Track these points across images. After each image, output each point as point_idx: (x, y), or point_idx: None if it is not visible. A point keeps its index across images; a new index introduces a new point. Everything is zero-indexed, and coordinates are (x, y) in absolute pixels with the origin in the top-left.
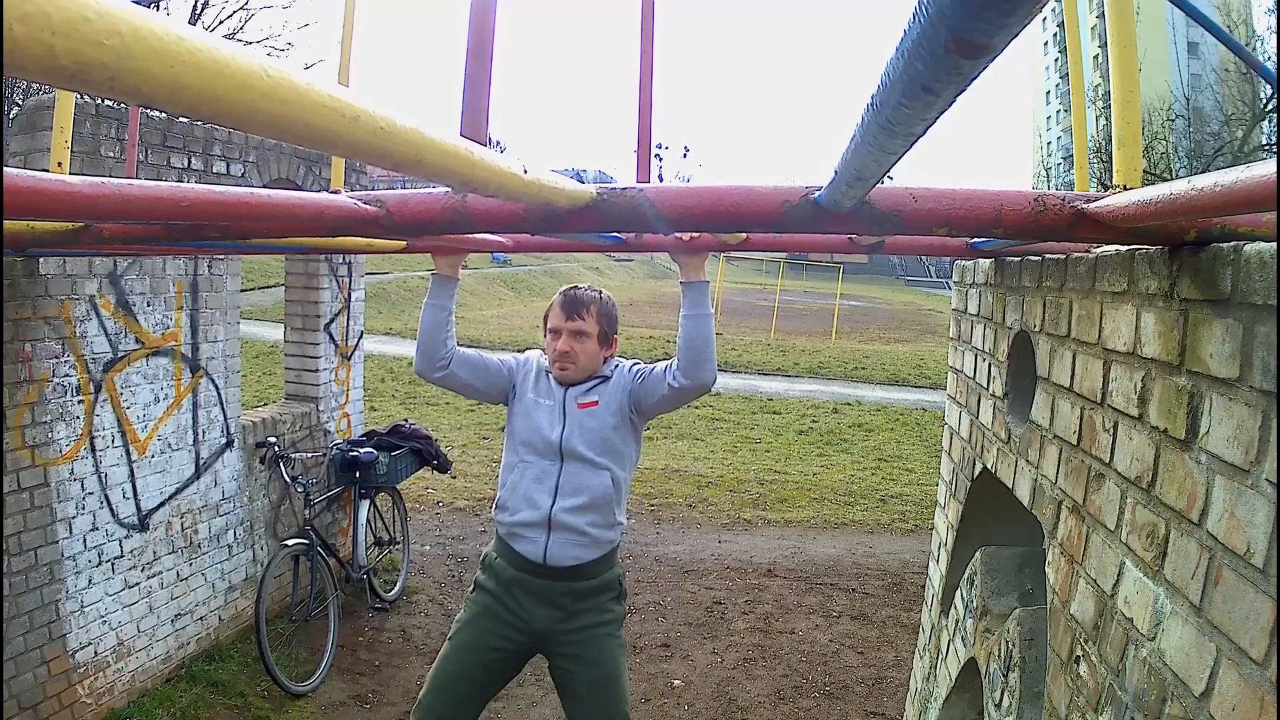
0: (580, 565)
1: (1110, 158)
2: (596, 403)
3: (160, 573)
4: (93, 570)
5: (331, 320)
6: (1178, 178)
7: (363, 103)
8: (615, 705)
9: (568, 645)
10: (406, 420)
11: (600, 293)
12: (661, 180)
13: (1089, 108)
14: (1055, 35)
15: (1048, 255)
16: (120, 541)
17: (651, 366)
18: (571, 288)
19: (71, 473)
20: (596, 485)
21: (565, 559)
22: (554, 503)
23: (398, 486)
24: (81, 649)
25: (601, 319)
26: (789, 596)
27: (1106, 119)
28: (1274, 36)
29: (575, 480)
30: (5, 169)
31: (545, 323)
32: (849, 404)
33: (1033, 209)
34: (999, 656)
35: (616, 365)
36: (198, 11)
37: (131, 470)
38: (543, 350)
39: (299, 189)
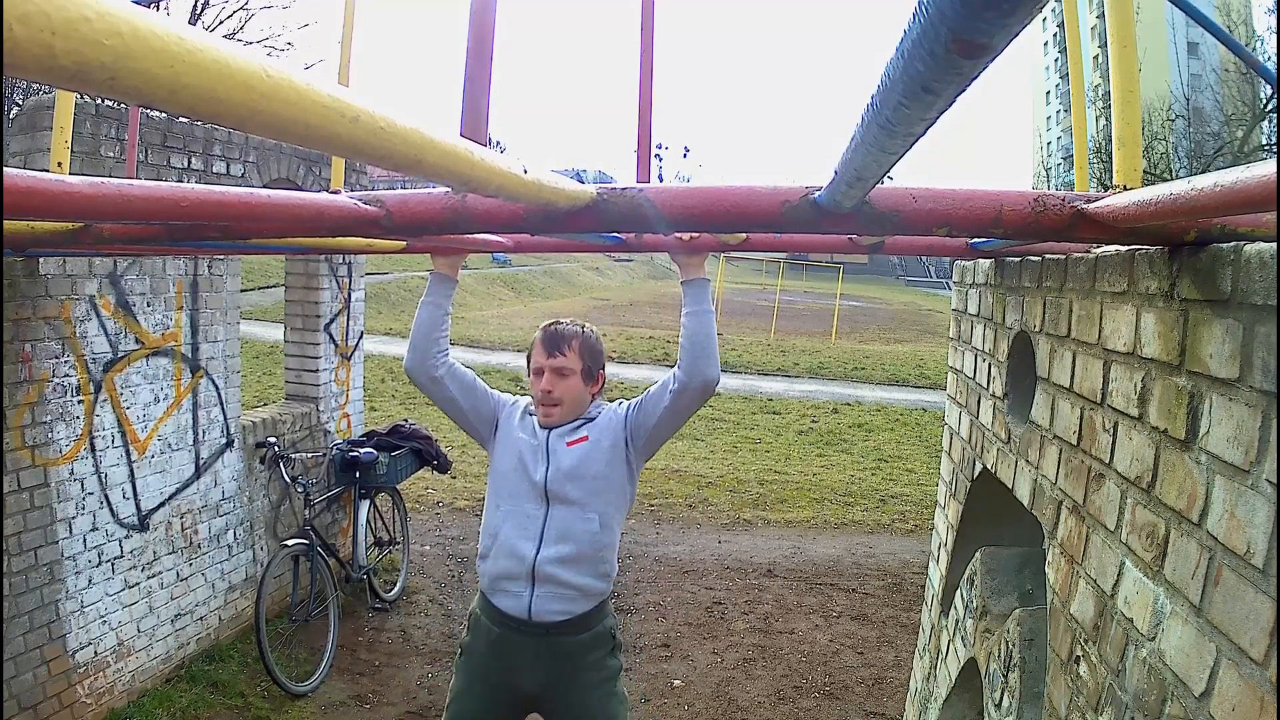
0: (568, 620)
1: (1110, 158)
2: (586, 438)
3: (160, 573)
4: (93, 570)
5: (331, 320)
6: (1178, 178)
7: (363, 103)
8: None
9: (563, 708)
10: (406, 420)
11: (583, 327)
12: (661, 180)
13: (1089, 108)
14: (1055, 35)
15: (1048, 255)
16: (120, 541)
17: (646, 390)
18: (552, 323)
19: (71, 473)
20: (584, 532)
21: (551, 614)
22: (538, 552)
23: (398, 486)
24: (81, 649)
25: (585, 354)
26: (789, 597)
27: (1106, 119)
28: (1274, 36)
29: (561, 526)
30: (5, 169)
31: (529, 363)
32: (849, 404)
33: (1033, 209)
34: (999, 656)
35: (603, 407)
36: (198, 11)
37: (131, 470)
38: (531, 398)
39: (299, 189)
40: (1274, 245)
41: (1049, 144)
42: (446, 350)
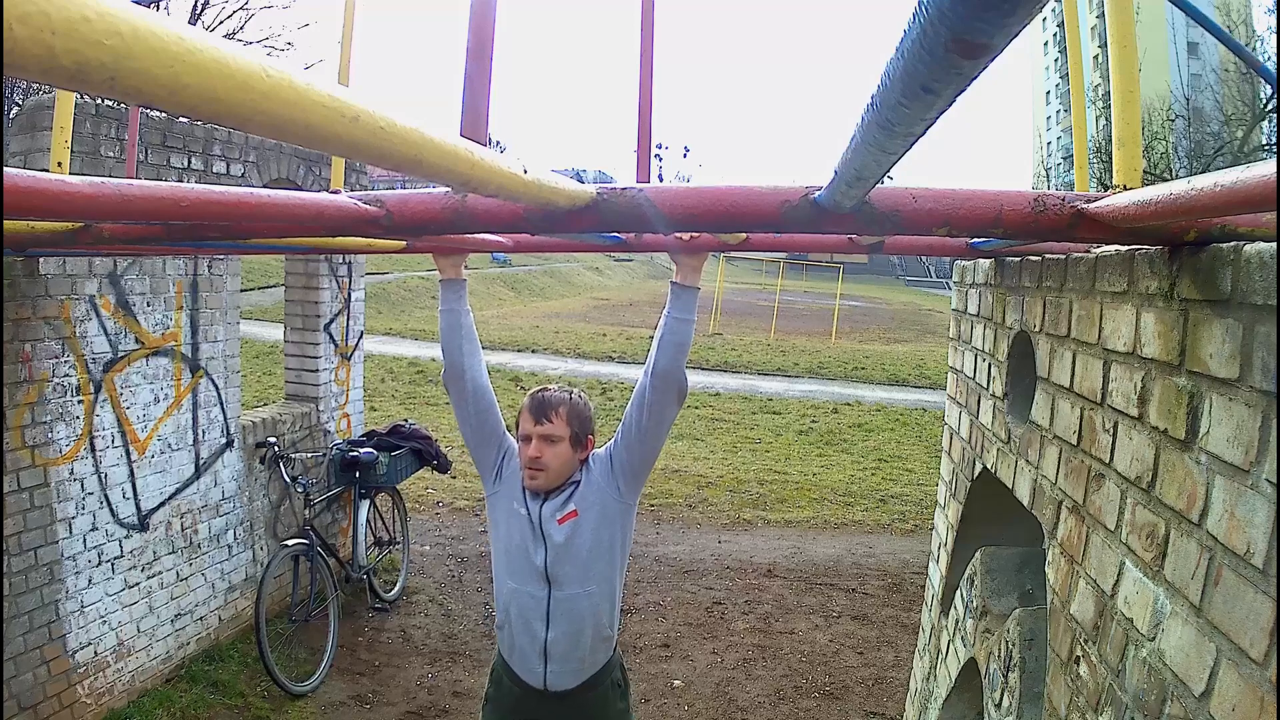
0: (581, 684)
1: (1110, 158)
2: (575, 513)
3: (160, 573)
4: (93, 570)
5: (331, 320)
6: (1178, 178)
7: (363, 103)
8: None
9: None
10: (406, 420)
11: (571, 393)
12: (661, 180)
13: (1089, 108)
14: (1055, 35)
15: (1048, 255)
16: (120, 541)
17: (622, 420)
18: (540, 390)
19: (71, 473)
20: (587, 609)
21: (565, 684)
22: (548, 632)
23: (398, 486)
24: (81, 649)
25: (572, 420)
26: (789, 596)
27: (1106, 119)
28: (1274, 36)
29: (565, 606)
30: (5, 169)
31: (517, 427)
32: (849, 404)
33: (1033, 209)
34: (999, 656)
35: (591, 466)
36: (198, 11)
37: (131, 470)
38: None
39: (299, 189)
40: (1274, 245)
41: (1049, 144)
42: (475, 355)
